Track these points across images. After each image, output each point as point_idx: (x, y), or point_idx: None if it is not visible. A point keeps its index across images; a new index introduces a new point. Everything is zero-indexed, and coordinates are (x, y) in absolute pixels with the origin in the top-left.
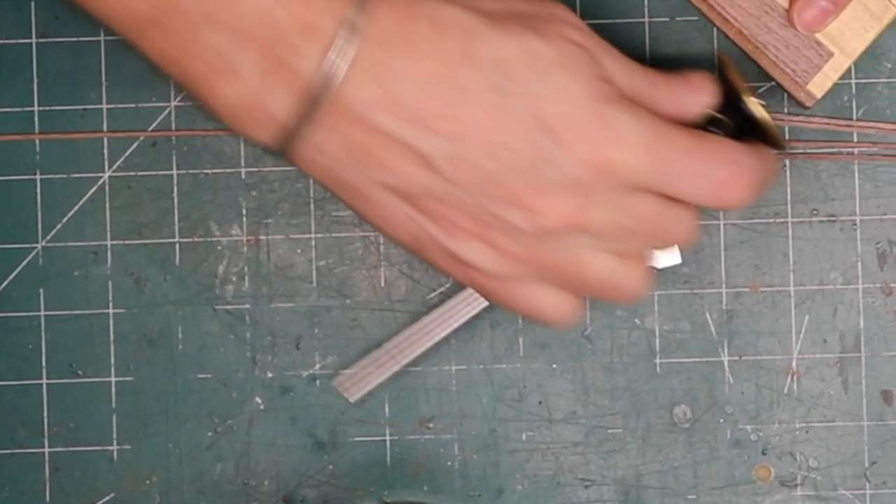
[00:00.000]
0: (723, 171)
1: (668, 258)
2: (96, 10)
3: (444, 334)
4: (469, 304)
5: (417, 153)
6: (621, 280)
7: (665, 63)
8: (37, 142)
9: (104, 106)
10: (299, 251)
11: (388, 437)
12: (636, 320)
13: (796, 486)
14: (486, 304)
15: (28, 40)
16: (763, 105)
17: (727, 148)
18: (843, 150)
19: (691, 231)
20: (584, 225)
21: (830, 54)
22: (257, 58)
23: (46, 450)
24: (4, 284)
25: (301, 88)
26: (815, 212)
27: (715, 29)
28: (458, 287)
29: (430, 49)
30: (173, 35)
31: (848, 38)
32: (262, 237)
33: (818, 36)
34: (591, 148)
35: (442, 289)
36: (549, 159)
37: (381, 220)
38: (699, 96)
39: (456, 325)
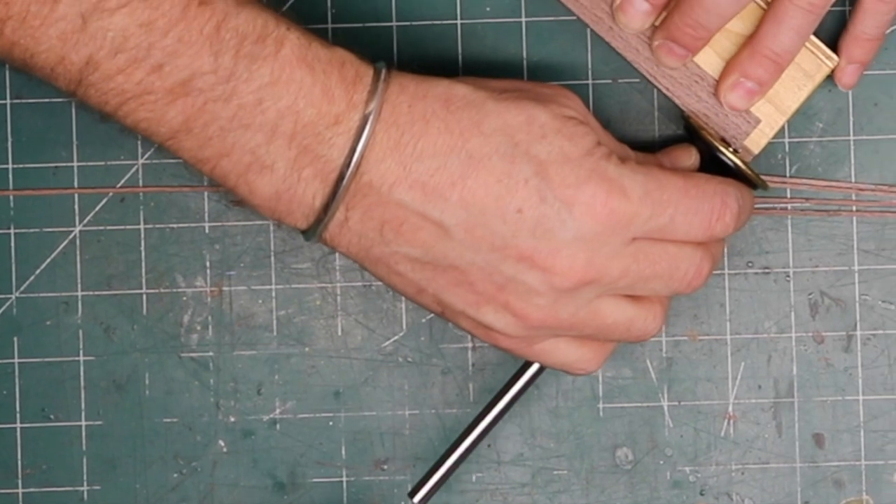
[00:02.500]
0: (712, 203)
1: None
2: (131, 124)
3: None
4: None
5: (434, 222)
6: (638, 322)
7: (608, 123)
8: (11, 198)
9: (75, 164)
10: (260, 301)
11: (344, 479)
12: None
13: None
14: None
15: (3, 101)
16: (735, 152)
17: (712, 182)
18: (776, 205)
19: (706, 272)
20: (597, 278)
21: (758, 121)
22: (287, 151)
23: (20, 490)
24: None
25: (329, 174)
26: (750, 264)
27: (656, 91)
28: (412, 335)
29: (442, 124)
30: (205, 139)
31: (783, 96)
32: (224, 288)
33: None
34: (594, 201)
35: (396, 337)
36: (556, 217)
37: (406, 290)
38: (685, 163)
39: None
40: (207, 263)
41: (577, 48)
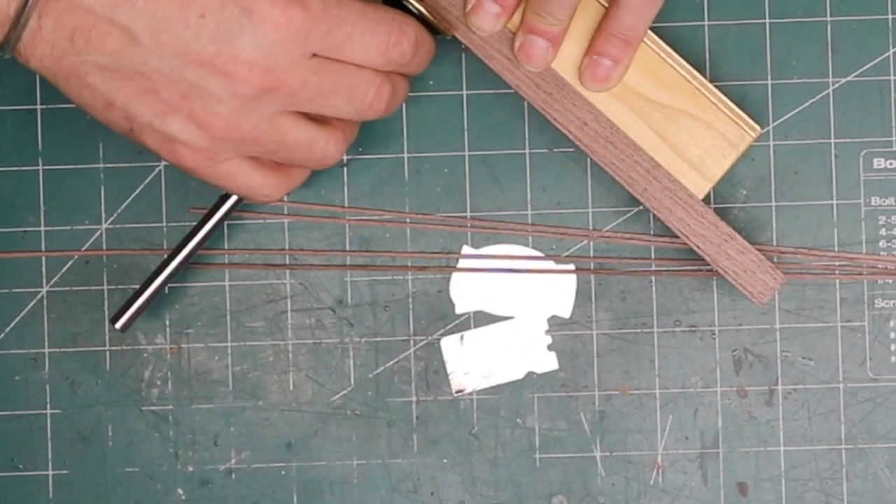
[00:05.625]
0: (390, 27)
1: (546, 364)
2: None
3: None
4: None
5: (122, 28)
6: (319, 144)
7: (544, 189)
8: None
9: (42, 228)
10: (217, 358)
11: None
12: (518, 420)
13: None
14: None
15: None
16: (420, 1)
17: (391, 11)
18: (703, 267)
19: (386, 94)
20: (278, 87)
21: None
22: None
23: None
24: None
25: None
26: (678, 322)
27: (588, 160)
28: (360, 389)
29: None
30: None
31: (708, 164)
32: (183, 345)
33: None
34: (272, 9)
35: (344, 391)
36: (236, 23)
37: (96, 105)
38: None
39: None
40: (167, 322)
41: (514, 119)
